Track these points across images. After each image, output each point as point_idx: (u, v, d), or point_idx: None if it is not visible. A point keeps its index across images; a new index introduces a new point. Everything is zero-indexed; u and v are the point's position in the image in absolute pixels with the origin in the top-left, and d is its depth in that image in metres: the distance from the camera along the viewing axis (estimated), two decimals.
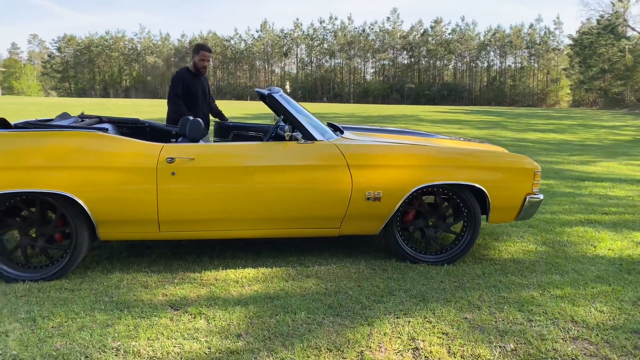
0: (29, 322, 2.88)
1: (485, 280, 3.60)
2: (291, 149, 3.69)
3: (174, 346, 2.65)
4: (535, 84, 77.98)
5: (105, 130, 3.59)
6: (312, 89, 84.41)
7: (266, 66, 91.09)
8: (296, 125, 3.79)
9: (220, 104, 5.79)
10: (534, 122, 24.64)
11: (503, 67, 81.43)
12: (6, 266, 3.47)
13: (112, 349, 2.62)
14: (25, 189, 3.31)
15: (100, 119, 4.52)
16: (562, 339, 2.79)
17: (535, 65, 77.79)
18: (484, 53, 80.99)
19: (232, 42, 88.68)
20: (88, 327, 2.83)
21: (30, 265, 3.54)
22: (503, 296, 3.33)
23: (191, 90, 4.89)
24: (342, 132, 4.29)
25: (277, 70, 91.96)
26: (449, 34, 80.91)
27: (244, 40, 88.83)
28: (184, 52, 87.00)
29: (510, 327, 2.91)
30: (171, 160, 3.48)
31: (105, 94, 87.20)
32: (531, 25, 77.77)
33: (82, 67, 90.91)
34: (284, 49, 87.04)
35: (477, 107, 53.82)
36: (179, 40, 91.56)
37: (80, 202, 3.36)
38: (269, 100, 3.94)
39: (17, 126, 3.58)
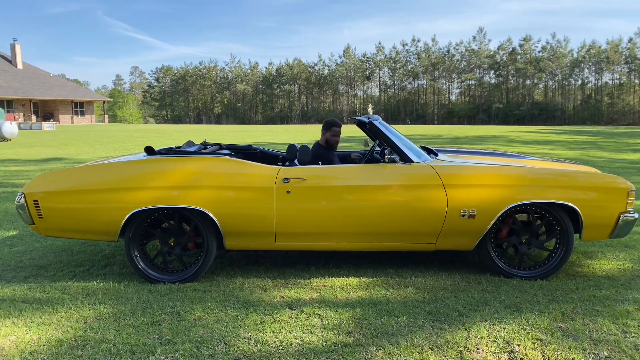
0: (175, 315, 3.46)
1: (579, 295, 3.75)
2: (390, 170, 4.09)
3: (295, 338, 3.11)
4: (636, 101, 72.96)
5: (231, 155, 4.20)
6: (394, 111, 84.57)
7: (349, 90, 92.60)
8: (394, 148, 4.20)
9: (305, 128, 6.23)
10: (634, 141, 23.23)
11: (599, 84, 77.04)
12: (150, 270, 4.13)
13: (245, 338, 3.12)
14: (168, 205, 3.97)
15: (220, 146, 5.19)
16: None
17: (636, 81, 72.88)
18: (577, 70, 77.18)
19: (316, 67, 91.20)
20: (222, 321, 3.36)
21: (168, 269, 4.19)
22: (597, 309, 3.48)
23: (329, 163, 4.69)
24: (436, 155, 4.62)
25: (360, 93, 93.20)
26: (539, 51, 78.10)
27: (327, 66, 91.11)
28: (271, 79, 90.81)
29: (604, 337, 3.08)
30: (286, 180, 4.00)
31: (199, 121, 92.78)
32: (630, 40, 73.11)
33: (177, 96, 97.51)
34: (367, 73, 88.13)
35: (571, 126, 51.34)
36: (266, 68, 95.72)
37: (211, 215, 3.96)
38: (370, 127, 4.37)
39: (160, 152, 4.29)
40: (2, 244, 5.36)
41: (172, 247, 4.20)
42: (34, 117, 51.17)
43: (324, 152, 4.68)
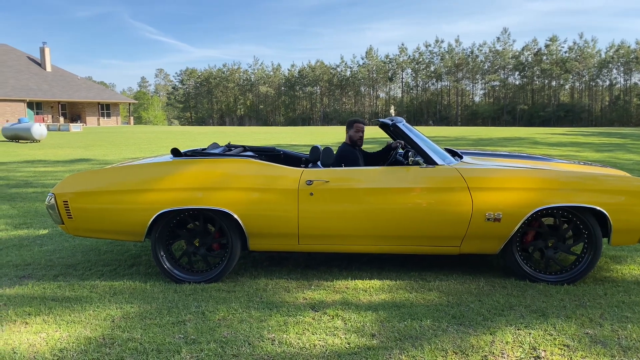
0: (200, 315, 3.50)
1: (607, 300, 3.68)
2: (414, 172, 4.07)
3: (319, 340, 3.12)
4: None
5: (256, 157, 4.24)
6: (417, 112, 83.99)
7: (371, 91, 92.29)
8: (418, 151, 4.17)
9: (327, 130, 6.21)
10: None
11: (628, 85, 75.35)
12: (176, 269, 4.19)
13: (268, 339, 3.14)
14: (193, 206, 4.02)
15: (244, 148, 5.24)
16: None
17: None
18: (605, 71, 75.56)
19: (338, 69, 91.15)
20: (246, 321, 3.39)
21: (193, 270, 4.24)
22: (626, 315, 3.41)
23: (354, 161, 4.79)
24: (461, 157, 4.58)
25: (382, 95, 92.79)
26: (565, 52, 76.71)
27: (350, 68, 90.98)
28: (293, 81, 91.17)
29: (634, 344, 3.01)
30: (310, 182, 4.02)
31: (222, 122, 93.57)
32: None
33: (201, 98, 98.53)
34: (389, 74, 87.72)
35: (598, 128, 50.29)
36: (289, 70, 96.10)
37: (236, 217, 4.00)
38: (393, 129, 4.36)
39: (187, 154, 4.36)
40: (32, 243, 5.50)
41: (197, 247, 4.25)
42: (62, 119, 52.29)
43: (348, 149, 4.73)
